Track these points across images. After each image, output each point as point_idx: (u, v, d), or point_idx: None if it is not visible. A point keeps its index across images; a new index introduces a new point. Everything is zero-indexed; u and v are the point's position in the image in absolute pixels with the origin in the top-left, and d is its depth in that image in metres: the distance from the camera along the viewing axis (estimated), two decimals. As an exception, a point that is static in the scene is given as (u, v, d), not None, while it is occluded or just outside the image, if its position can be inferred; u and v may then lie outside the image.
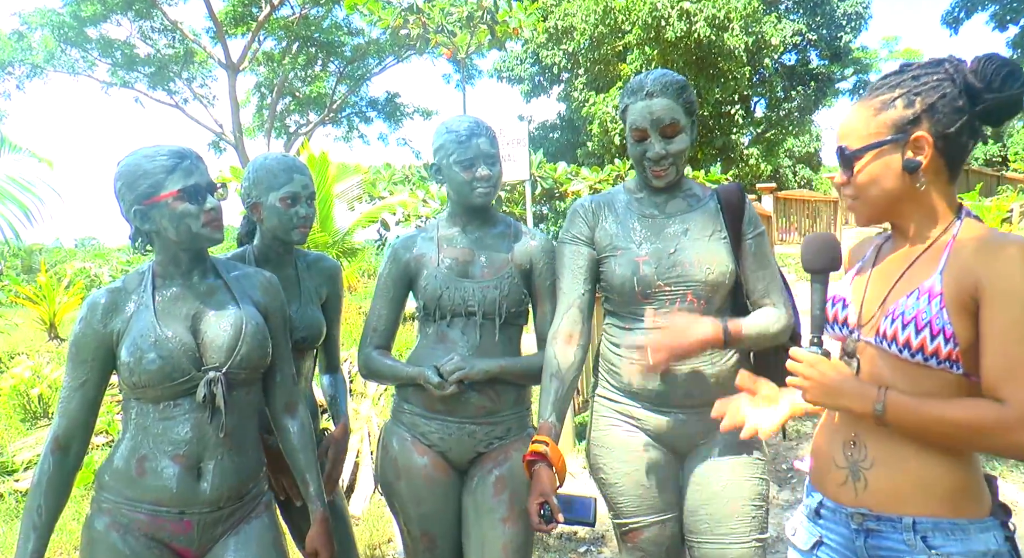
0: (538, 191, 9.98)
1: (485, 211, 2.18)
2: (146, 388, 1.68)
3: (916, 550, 1.36)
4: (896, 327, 1.37)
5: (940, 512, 1.35)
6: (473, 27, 10.55)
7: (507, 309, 2.11)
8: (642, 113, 1.90)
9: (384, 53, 25.74)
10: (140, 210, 1.68)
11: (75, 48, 23.37)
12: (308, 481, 1.93)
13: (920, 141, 1.36)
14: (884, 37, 35.39)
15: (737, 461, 1.95)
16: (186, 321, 1.73)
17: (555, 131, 24.30)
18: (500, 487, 2.07)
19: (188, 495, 1.71)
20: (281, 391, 1.93)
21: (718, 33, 15.61)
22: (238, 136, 24.36)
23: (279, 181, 2.06)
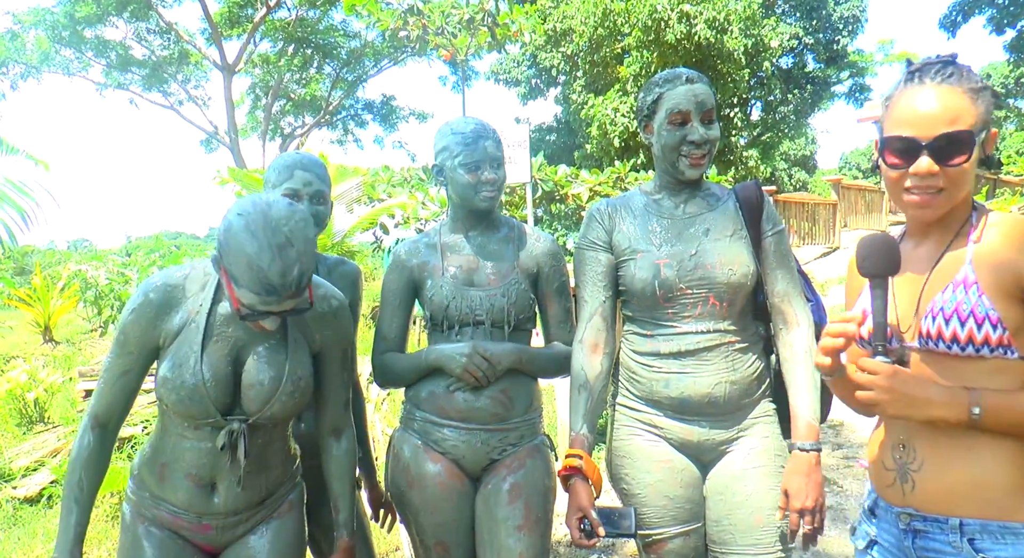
0: (538, 194, 9.95)
1: (488, 215, 2.13)
2: (173, 409, 1.66)
3: (962, 552, 1.33)
4: (939, 324, 1.35)
5: (989, 514, 1.31)
6: (474, 29, 10.52)
7: (515, 316, 2.07)
8: (686, 96, 1.87)
9: (380, 56, 25.74)
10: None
11: (69, 48, 23.30)
12: (340, 508, 1.91)
13: (994, 138, 1.39)
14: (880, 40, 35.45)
15: (762, 470, 1.90)
16: (230, 356, 1.65)
17: (552, 134, 24.31)
18: (515, 495, 2.02)
19: (203, 506, 1.72)
20: (330, 415, 1.90)
21: (718, 35, 15.58)
22: (233, 138, 24.30)
23: (280, 178, 2.03)
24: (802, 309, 1.95)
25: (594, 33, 16.86)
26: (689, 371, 1.88)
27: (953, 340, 1.33)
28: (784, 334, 1.95)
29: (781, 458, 1.93)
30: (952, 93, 1.35)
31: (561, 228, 9.99)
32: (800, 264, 2.14)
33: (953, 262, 1.39)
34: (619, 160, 13.30)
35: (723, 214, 1.96)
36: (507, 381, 2.04)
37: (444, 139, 2.06)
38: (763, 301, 1.99)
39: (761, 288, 1.98)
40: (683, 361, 1.89)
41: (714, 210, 1.97)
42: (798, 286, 1.98)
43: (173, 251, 15.90)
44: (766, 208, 1.97)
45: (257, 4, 23.09)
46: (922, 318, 1.39)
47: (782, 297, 1.95)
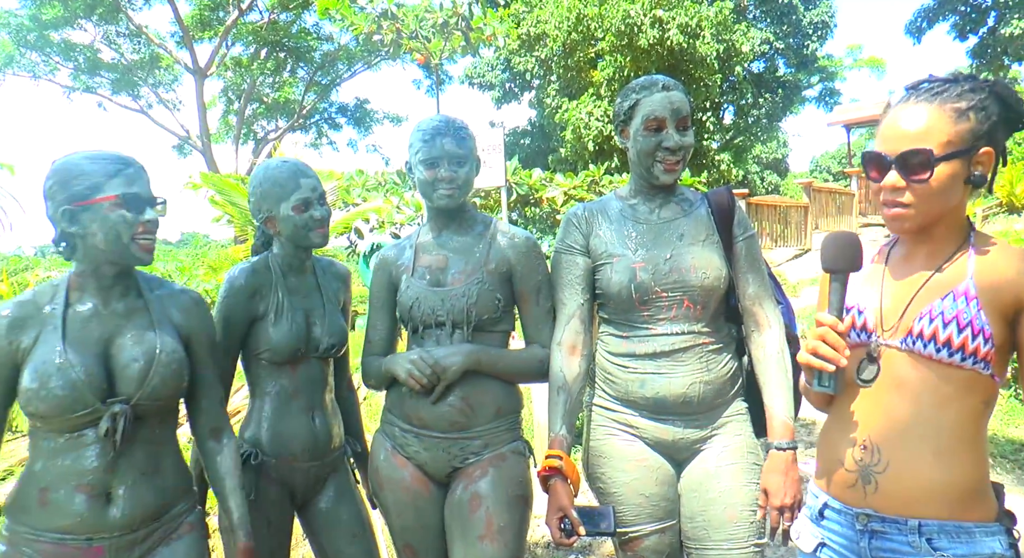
0: (513, 197, 9.98)
1: (460, 213, 2.10)
2: (47, 418, 1.58)
3: (921, 552, 1.38)
4: (936, 326, 1.39)
5: (947, 515, 1.37)
6: (448, 33, 10.53)
7: (476, 316, 2.01)
8: (662, 103, 1.91)
9: (354, 59, 25.62)
10: (70, 211, 1.58)
11: (35, 51, 22.88)
12: (232, 509, 1.84)
13: (987, 156, 1.39)
14: (849, 45, 36.02)
15: (735, 467, 1.94)
16: (96, 345, 1.63)
17: (527, 137, 24.36)
18: (475, 504, 1.97)
19: (96, 521, 1.61)
20: (206, 416, 1.87)
21: (690, 41, 15.74)
22: (205, 142, 24.07)
23: (288, 190, 2.00)
24: (773, 312, 2.00)
25: (567, 38, 16.94)
26: (664, 372, 1.92)
27: (946, 344, 1.38)
28: (756, 336, 1.99)
29: (753, 456, 1.97)
30: (930, 111, 1.39)
31: (536, 231, 10.04)
32: (771, 267, 2.19)
33: (955, 273, 1.43)
34: (593, 164, 13.38)
35: (696, 219, 2.00)
36: (469, 387, 1.99)
37: (412, 136, 2.05)
38: (735, 304, 2.04)
39: (733, 291, 2.02)
40: (658, 362, 1.93)
41: (688, 215, 2.01)
42: (769, 289, 2.03)
43: (145, 256, 15.69)
44: (737, 213, 2.02)
45: (229, 7, 22.89)
46: (915, 319, 1.43)
47: (753, 300, 2.00)
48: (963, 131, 1.37)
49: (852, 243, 1.48)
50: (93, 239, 1.59)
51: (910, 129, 1.39)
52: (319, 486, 2.15)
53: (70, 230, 1.60)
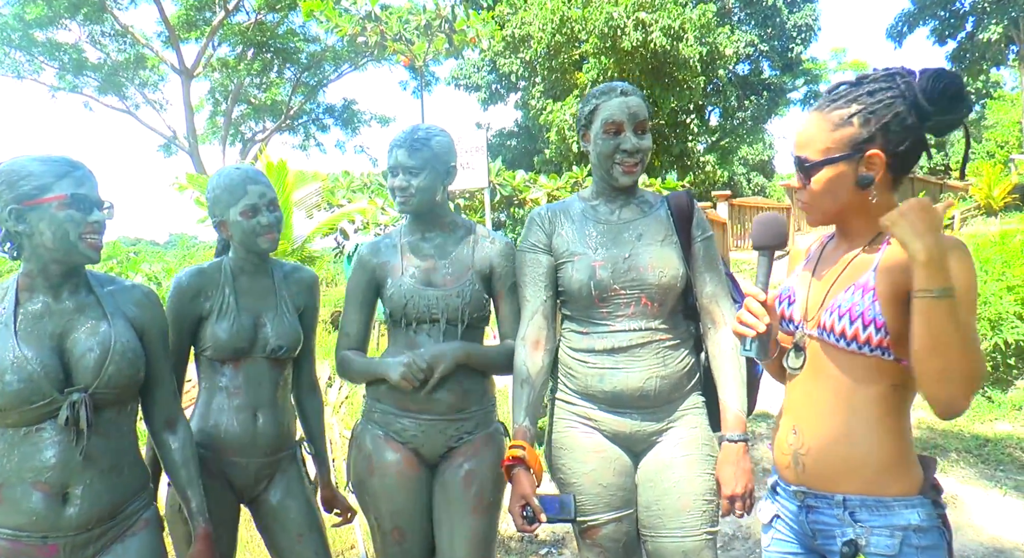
0: (497, 198, 10.05)
1: (439, 217, 2.23)
2: (4, 412, 1.59)
3: (845, 524, 1.51)
4: (834, 319, 1.51)
5: (866, 490, 1.49)
6: (431, 36, 10.59)
7: (469, 314, 2.18)
8: (620, 108, 2.00)
9: (341, 60, 25.61)
10: (17, 210, 1.60)
11: (19, 51, 22.74)
12: (190, 497, 1.90)
13: (874, 159, 1.46)
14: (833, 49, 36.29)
15: (689, 458, 2.02)
16: (51, 340, 1.65)
17: (513, 139, 24.44)
18: (469, 480, 2.16)
19: (52, 520, 1.62)
20: (160, 408, 1.91)
21: (673, 43, 15.85)
22: (192, 142, 24.00)
23: (236, 196, 2.07)
24: (729, 309, 2.08)
25: (552, 40, 17.03)
26: (622, 367, 2.00)
27: (842, 335, 1.49)
28: (712, 333, 2.08)
29: (708, 447, 2.05)
30: (815, 120, 1.51)
31: (520, 232, 10.10)
32: (729, 267, 2.29)
33: (861, 266, 1.53)
34: (577, 165, 13.45)
35: (655, 220, 2.09)
36: (462, 375, 2.15)
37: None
38: (694, 302, 2.12)
39: (691, 290, 2.10)
40: (616, 357, 2.01)
41: (647, 216, 2.09)
42: (725, 288, 2.11)
43: (131, 257, 15.66)
44: (696, 215, 2.10)
45: (215, 7, 22.82)
46: (824, 312, 1.54)
47: (710, 298, 2.08)
48: (843, 138, 1.47)
49: (778, 223, 1.64)
50: (41, 238, 1.62)
51: (799, 137, 1.54)
52: (264, 483, 2.19)
53: (17, 229, 1.62)
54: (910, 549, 1.44)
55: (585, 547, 2.10)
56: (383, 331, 6.50)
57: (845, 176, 1.49)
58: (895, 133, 1.45)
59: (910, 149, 1.47)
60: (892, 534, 1.45)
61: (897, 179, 1.52)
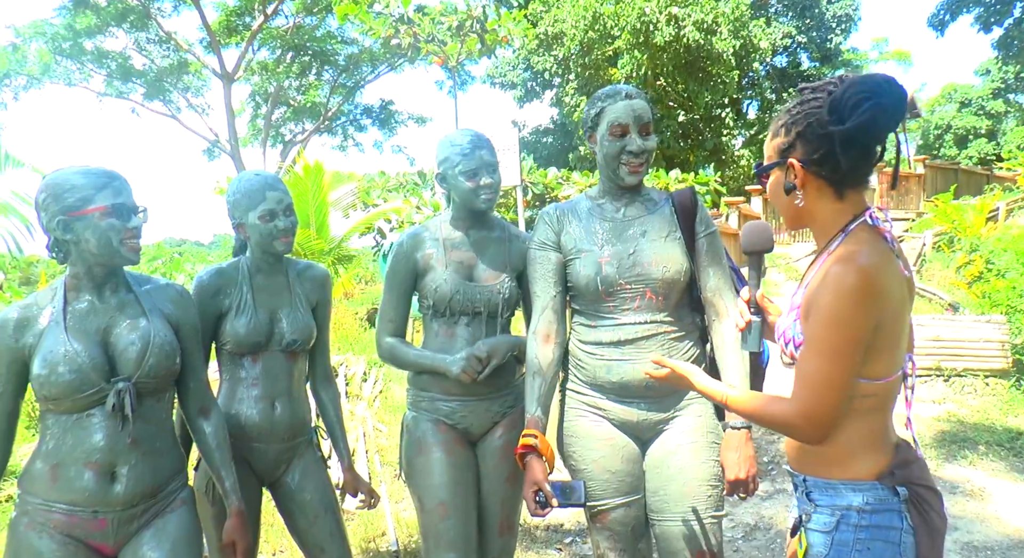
0: (529, 196, 10.16)
1: (485, 215, 2.39)
2: (58, 400, 1.77)
3: (804, 502, 1.60)
4: (780, 343, 1.63)
5: (818, 473, 1.56)
6: (463, 36, 10.72)
7: (507, 308, 2.38)
8: (625, 111, 2.09)
9: (378, 61, 25.88)
10: (64, 220, 1.76)
11: (70, 60, 23.48)
12: (223, 477, 2.06)
13: (791, 166, 1.53)
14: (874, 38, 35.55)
15: (695, 445, 2.10)
16: (97, 335, 1.82)
17: (548, 136, 24.49)
18: (506, 451, 2.36)
19: (101, 497, 1.80)
20: (195, 396, 2.07)
21: (706, 37, 15.80)
22: (234, 145, 24.48)
23: (254, 201, 2.20)
24: (731, 302, 2.15)
25: (584, 36, 17.07)
26: (628, 358, 2.09)
27: (781, 356, 1.63)
28: (716, 324, 2.15)
29: (713, 435, 2.13)
30: (769, 131, 1.60)
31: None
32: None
33: (805, 281, 1.59)
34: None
35: (659, 217, 2.17)
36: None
37: (444, 151, 2.32)
38: (699, 295, 2.19)
39: (696, 284, 2.18)
40: (623, 349, 2.10)
41: (651, 213, 2.18)
42: (729, 282, 2.18)
43: (175, 258, 16.11)
44: (700, 212, 2.18)
45: (255, 12, 23.28)
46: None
47: (713, 292, 2.16)
48: (776, 145, 1.56)
49: (763, 230, 1.75)
50: (86, 244, 1.78)
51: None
52: (283, 467, 2.35)
53: (64, 237, 1.79)
54: (847, 527, 1.50)
55: (596, 531, 2.20)
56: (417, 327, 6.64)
57: (779, 182, 1.57)
58: (810, 142, 1.49)
59: (830, 156, 1.47)
60: (832, 512, 1.52)
61: (836, 184, 1.52)
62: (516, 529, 2.47)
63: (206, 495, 2.21)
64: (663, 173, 11.27)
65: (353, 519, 3.92)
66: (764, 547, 3.70)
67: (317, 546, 2.33)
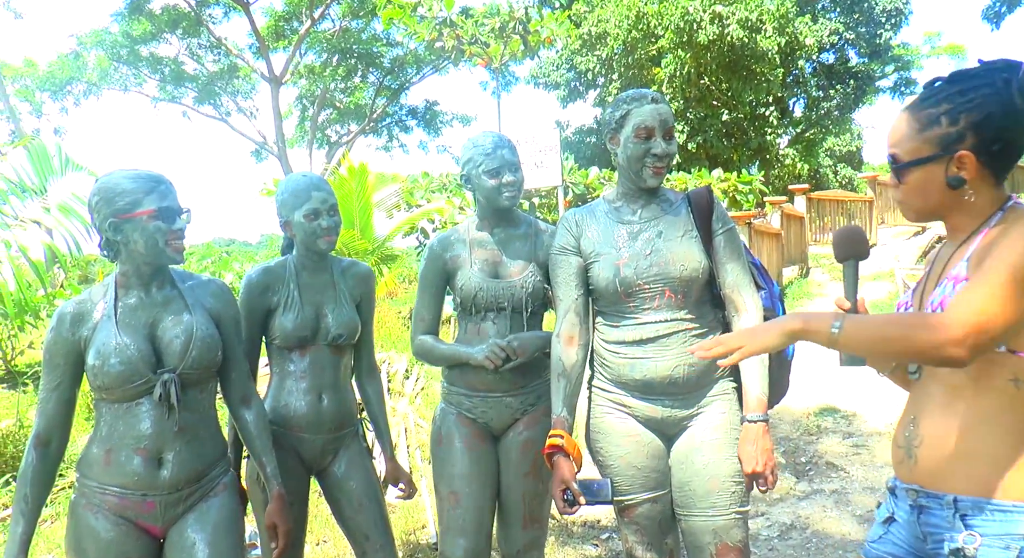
0: (570, 196, 10.20)
1: (510, 213, 2.48)
2: (110, 390, 1.88)
3: (955, 528, 1.37)
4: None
5: (978, 491, 1.35)
6: (506, 38, 10.81)
7: (532, 303, 2.44)
8: (651, 114, 2.15)
9: (422, 63, 26.14)
10: (115, 223, 1.88)
11: (127, 66, 24.28)
12: (265, 464, 2.17)
13: (964, 159, 1.40)
14: (926, 33, 34.59)
15: (719, 441, 2.15)
16: (144, 328, 1.94)
17: (591, 135, 24.39)
18: (527, 448, 2.44)
19: (149, 481, 1.92)
20: (236, 387, 2.18)
21: (751, 35, 15.63)
22: (281, 147, 24.97)
23: (300, 200, 2.31)
24: (751, 297, 2.20)
25: (628, 36, 17.01)
26: (651, 356, 2.14)
27: None
28: (735, 320, 2.20)
29: (737, 431, 2.16)
30: (906, 120, 1.47)
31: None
32: (754, 256, 2.41)
33: (956, 259, 1.46)
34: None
35: (675, 217, 2.22)
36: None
37: (468, 152, 2.42)
38: (717, 293, 2.24)
39: (716, 280, 2.23)
40: (645, 347, 2.15)
41: (667, 214, 2.23)
42: (748, 277, 2.22)
43: (224, 257, 16.50)
44: (716, 210, 2.23)
45: (302, 17, 23.76)
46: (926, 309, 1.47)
47: (732, 288, 2.20)
48: (931, 138, 1.42)
49: (855, 235, 1.65)
50: (135, 245, 1.91)
51: (891, 135, 1.50)
52: (330, 457, 2.45)
53: (115, 238, 1.91)
54: None
55: (624, 525, 2.27)
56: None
57: (935, 177, 1.43)
58: (987, 132, 1.38)
59: (1005, 148, 1.39)
60: (1007, 545, 1.30)
61: (999, 174, 1.44)
62: (544, 523, 2.54)
63: (256, 482, 2.33)
64: (705, 172, 11.21)
65: (395, 511, 4.03)
66: (800, 546, 3.71)
67: (362, 534, 2.43)
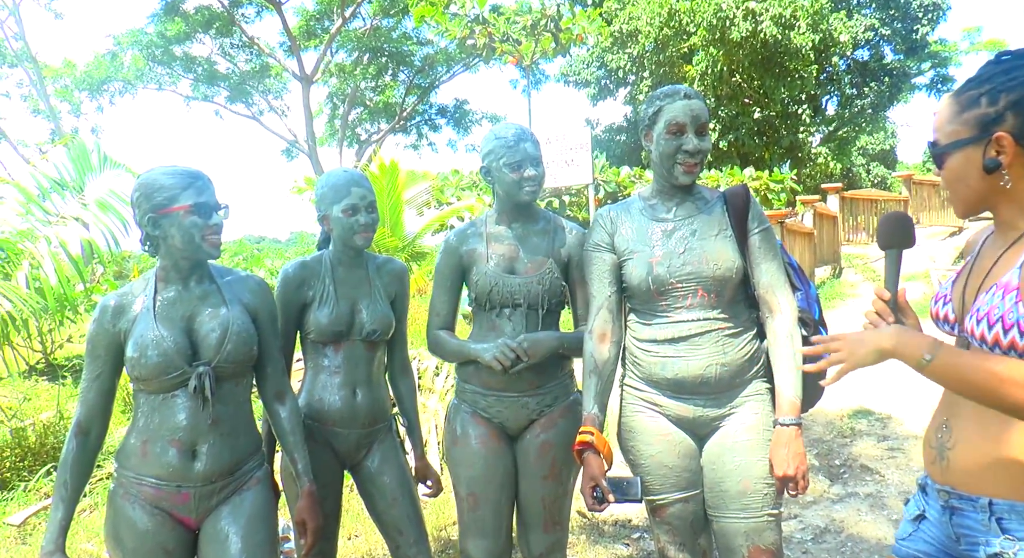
0: (601, 194, 10.17)
1: (529, 208, 2.43)
2: (147, 381, 1.92)
3: (990, 531, 1.35)
4: (973, 324, 1.38)
5: (1015, 495, 1.32)
6: (537, 35, 10.80)
7: (548, 300, 2.39)
8: (683, 110, 2.12)
9: (453, 62, 26.20)
10: (153, 218, 1.91)
11: (161, 65, 24.67)
12: (297, 459, 2.19)
13: (1001, 140, 1.32)
14: (965, 28, 33.95)
15: (751, 442, 2.12)
16: (181, 322, 1.97)
17: (621, 134, 24.32)
18: (546, 450, 2.40)
19: (184, 472, 1.95)
20: (271, 382, 2.19)
21: (784, 32, 15.46)
22: (311, 145, 25.20)
23: (340, 195, 2.31)
24: (785, 298, 2.16)
25: (660, 33, 16.92)
26: (683, 355, 2.12)
27: (982, 341, 1.35)
28: (769, 321, 2.17)
29: (769, 433, 2.13)
30: (947, 103, 1.41)
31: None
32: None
33: (1007, 263, 1.37)
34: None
35: (710, 215, 2.20)
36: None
37: (489, 144, 2.36)
38: (752, 293, 2.20)
39: (749, 280, 2.19)
40: (677, 346, 2.13)
41: (702, 212, 2.21)
42: (783, 277, 2.19)
43: (255, 253, 16.69)
44: (752, 209, 2.19)
45: (333, 16, 23.95)
46: (967, 316, 1.41)
47: (767, 288, 2.17)
48: (969, 119, 1.36)
49: (902, 222, 1.57)
50: (172, 240, 1.93)
51: (934, 122, 1.43)
52: (364, 451, 2.47)
53: (154, 233, 1.94)
54: None
55: (656, 524, 2.25)
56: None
57: (973, 161, 1.36)
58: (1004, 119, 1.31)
59: None
60: None
61: None
62: (565, 524, 2.51)
63: (291, 477, 2.34)
64: (737, 170, 11.11)
65: (426, 507, 4.03)
66: (834, 550, 3.66)
67: (395, 528, 2.44)
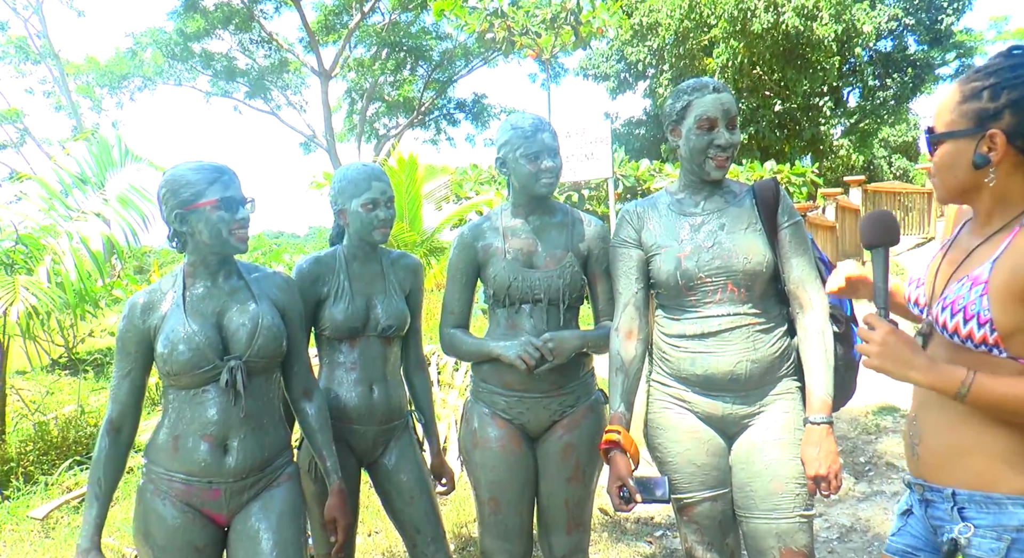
0: (620, 188, 10.09)
1: (545, 201, 2.36)
2: (178, 376, 1.91)
3: (954, 520, 1.40)
4: (938, 312, 1.41)
5: (974, 485, 1.36)
6: (557, 28, 10.72)
7: (569, 295, 2.33)
8: (714, 104, 2.06)
9: (471, 56, 26.16)
10: (180, 214, 1.91)
11: (180, 62, 24.82)
12: (325, 457, 2.18)
13: (994, 138, 1.32)
14: (992, 17, 33.40)
15: (781, 441, 2.07)
16: (211, 317, 1.97)
17: (641, 127, 24.15)
18: (568, 451, 2.35)
19: (215, 468, 1.95)
20: (299, 379, 2.18)
21: (806, 23, 15.26)
22: (330, 140, 25.26)
23: (359, 189, 2.28)
24: (816, 294, 2.10)
25: (680, 26, 16.78)
26: (712, 350, 2.08)
27: (943, 328, 1.40)
28: (800, 317, 2.12)
29: (800, 432, 2.08)
30: (951, 90, 1.40)
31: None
32: (821, 252, 2.31)
33: (981, 256, 1.39)
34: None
35: (739, 209, 2.15)
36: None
37: (505, 134, 2.29)
38: (782, 288, 2.16)
39: (779, 274, 2.14)
40: (706, 341, 2.09)
41: (731, 206, 2.16)
42: (813, 272, 2.13)
43: (274, 248, 16.76)
44: (782, 203, 2.14)
45: (352, 11, 23.95)
46: (935, 303, 1.44)
47: (797, 283, 2.12)
48: (968, 111, 1.35)
49: (885, 220, 1.55)
50: (200, 236, 1.93)
51: (936, 106, 1.43)
52: (381, 448, 2.44)
53: (181, 230, 1.94)
54: (1021, 554, 1.30)
55: (683, 524, 2.21)
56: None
57: (964, 153, 1.37)
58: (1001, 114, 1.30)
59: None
60: (999, 536, 1.32)
61: None
62: (586, 525, 2.47)
63: (308, 473, 2.33)
64: (758, 164, 10.98)
65: (445, 504, 4.02)
66: (861, 550, 3.60)
67: (413, 526, 2.42)
